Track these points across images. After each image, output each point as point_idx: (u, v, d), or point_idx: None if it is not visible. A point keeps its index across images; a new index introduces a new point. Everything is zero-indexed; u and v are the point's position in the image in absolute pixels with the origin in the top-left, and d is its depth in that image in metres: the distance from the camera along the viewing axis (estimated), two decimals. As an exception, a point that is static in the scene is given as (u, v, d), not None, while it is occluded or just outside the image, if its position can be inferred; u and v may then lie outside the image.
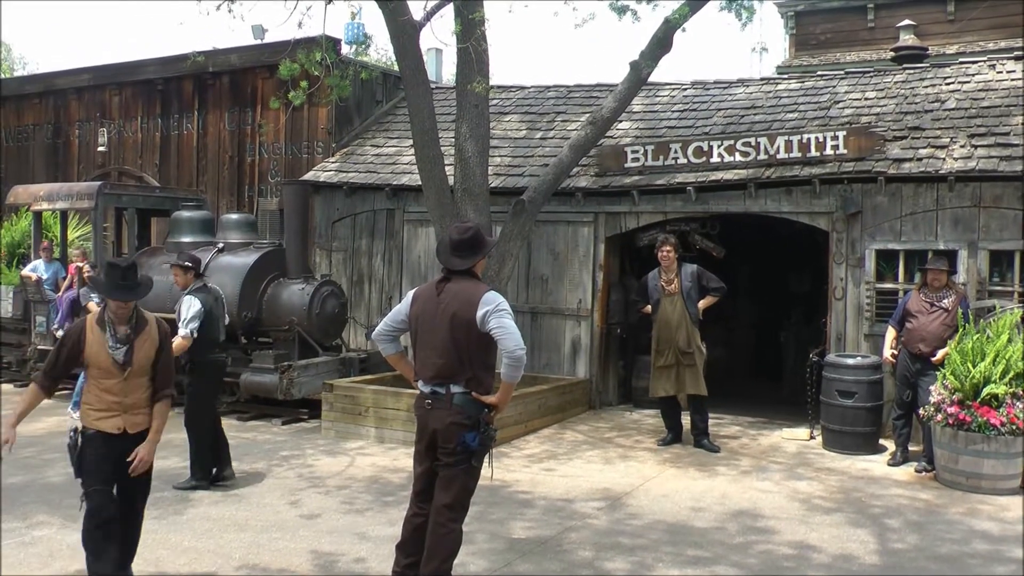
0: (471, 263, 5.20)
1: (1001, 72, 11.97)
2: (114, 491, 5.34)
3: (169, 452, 9.18)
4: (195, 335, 7.80)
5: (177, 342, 7.41)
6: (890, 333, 9.23)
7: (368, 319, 13.22)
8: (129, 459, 5.24)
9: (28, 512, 7.03)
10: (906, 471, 8.84)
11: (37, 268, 12.86)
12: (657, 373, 9.82)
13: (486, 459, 5.17)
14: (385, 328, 5.41)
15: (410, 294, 5.42)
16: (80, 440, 5.26)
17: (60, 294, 12.44)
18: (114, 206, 13.56)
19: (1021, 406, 8.02)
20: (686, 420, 10.00)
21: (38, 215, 13.60)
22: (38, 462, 8.66)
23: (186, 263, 8.19)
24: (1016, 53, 12.95)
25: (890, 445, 9.41)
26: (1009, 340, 8.30)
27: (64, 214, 13.97)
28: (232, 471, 8.15)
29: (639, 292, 10.24)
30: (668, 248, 9.78)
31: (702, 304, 9.75)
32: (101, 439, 5.24)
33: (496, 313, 4.97)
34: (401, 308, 5.36)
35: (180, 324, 7.78)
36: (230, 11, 10.61)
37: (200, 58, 12.15)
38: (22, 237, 15.00)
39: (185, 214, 12.65)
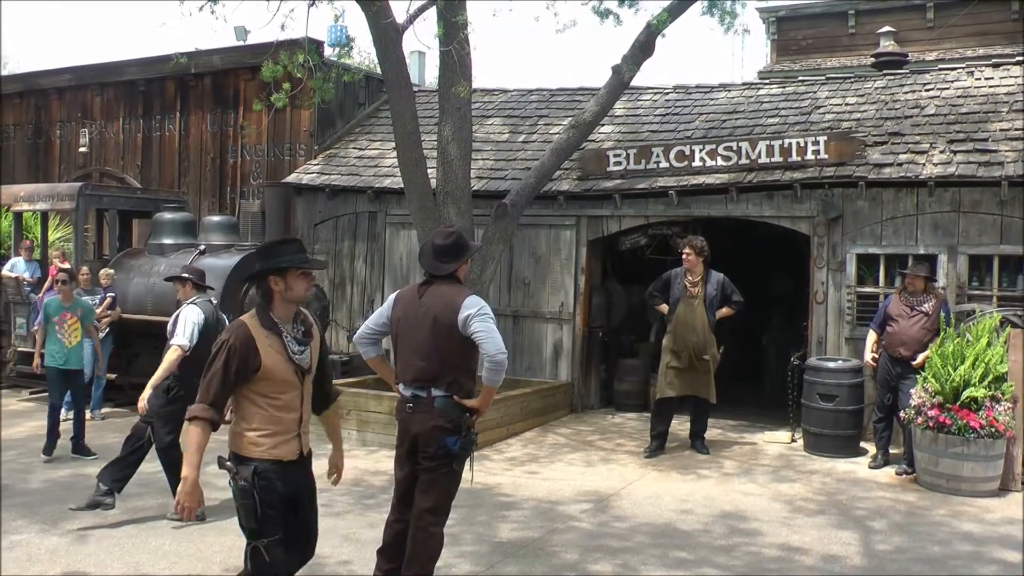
0: (454, 268, 5.20)
1: (980, 79, 12.08)
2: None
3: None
4: (194, 341, 6.90)
5: (171, 355, 6.85)
6: (871, 337, 9.29)
7: (350, 322, 13.17)
8: (331, 477, 4.87)
9: (6, 517, 6.95)
10: (887, 473, 8.89)
11: (16, 267, 12.70)
12: (669, 373, 9.52)
13: (467, 463, 5.16)
14: (367, 331, 5.37)
15: (392, 297, 5.40)
16: (256, 479, 4.22)
17: (40, 295, 12.31)
18: (95, 207, 13.46)
19: (1000, 409, 8.10)
20: (672, 427, 9.97)
21: (19, 216, 13.48)
22: (18, 466, 8.57)
23: (184, 275, 7.36)
24: (994, 60, 13.08)
25: (871, 448, 9.45)
26: (988, 344, 8.37)
27: (45, 215, 13.86)
28: None
29: (659, 288, 9.73)
30: (689, 251, 9.48)
31: (720, 313, 9.52)
32: (277, 471, 4.30)
33: (478, 317, 4.95)
34: (383, 311, 5.34)
35: (177, 334, 6.95)
36: (212, 12, 10.57)
37: (183, 59, 12.09)
38: (1, 238, 14.87)
39: (167, 216, 12.60)
